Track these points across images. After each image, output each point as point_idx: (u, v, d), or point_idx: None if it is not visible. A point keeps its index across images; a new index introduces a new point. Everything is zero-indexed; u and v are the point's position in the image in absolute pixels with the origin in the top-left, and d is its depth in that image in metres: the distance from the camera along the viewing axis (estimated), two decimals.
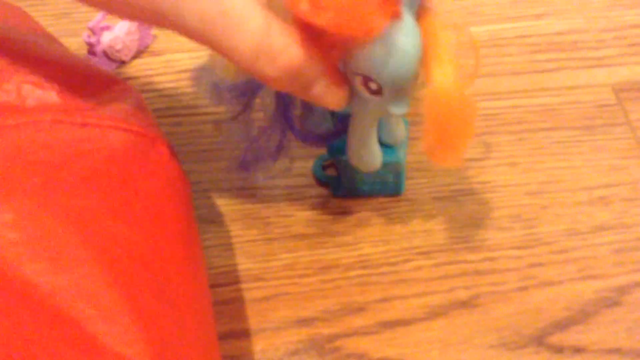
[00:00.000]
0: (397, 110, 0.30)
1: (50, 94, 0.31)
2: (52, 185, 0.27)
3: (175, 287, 0.27)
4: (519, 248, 0.37)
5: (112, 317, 0.23)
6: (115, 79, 0.34)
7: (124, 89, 0.34)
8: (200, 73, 0.34)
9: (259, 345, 0.34)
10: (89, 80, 0.33)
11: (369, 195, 0.39)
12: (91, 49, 0.45)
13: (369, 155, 0.35)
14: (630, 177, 0.40)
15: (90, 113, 0.31)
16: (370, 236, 0.38)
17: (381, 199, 0.39)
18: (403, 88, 0.29)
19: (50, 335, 0.22)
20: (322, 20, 0.26)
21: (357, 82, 0.29)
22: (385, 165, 0.36)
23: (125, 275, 0.25)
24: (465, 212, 0.38)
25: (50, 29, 0.45)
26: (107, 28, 0.45)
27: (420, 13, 0.29)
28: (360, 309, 0.35)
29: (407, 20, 0.28)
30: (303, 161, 0.40)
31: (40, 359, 0.22)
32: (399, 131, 0.36)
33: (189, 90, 0.45)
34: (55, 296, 0.23)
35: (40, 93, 0.31)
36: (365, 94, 0.29)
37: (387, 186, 0.38)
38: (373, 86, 0.29)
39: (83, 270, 0.24)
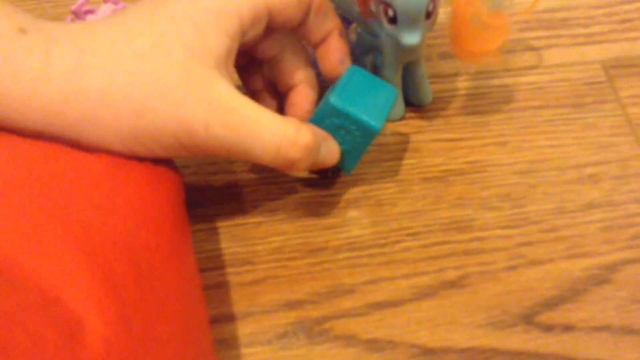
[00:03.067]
0: (408, 39, 0.35)
1: None
2: (36, 178, 0.27)
3: (159, 273, 0.27)
4: (507, 227, 0.37)
5: (90, 297, 0.23)
6: None
7: None
8: None
9: (247, 328, 0.34)
10: None
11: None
12: None
13: (396, 107, 0.40)
14: (619, 155, 0.40)
15: None
16: (358, 218, 0.37)
17: (370, 181, 0.39)
18: (414, 18, 0.34)
19: (31, 312, 0.22)
20: None
21: (381, 11, 0.35)
22: (361, 122, 0.35)
23: (105, 259, 0.25)
24: (454, 192, 0.38)
25: (33, 14, 0.45)
26: (91, 12, 0.44)
27: None
28: (349, 291, 0.35)
29: None
30: None
31: (20, 334, 0.22)
32: (425, 90, 0.41)
33: None
34: (35, 276, 0.23)
35: None
36: (386, 23, 0.35)
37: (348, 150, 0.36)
38: (390, 13, 0.35)
39: (62, 252, 0.24)
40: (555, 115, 0.42)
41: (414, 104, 0.42)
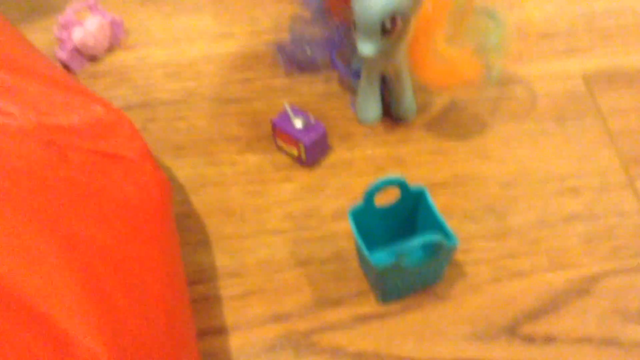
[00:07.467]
0: (361, 48, 0.36)
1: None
2: (23, 190, 0.27)
3: (147, 286, 0.28)
4: (491, 239, 0.38)
5: (79, 313, 0.23)
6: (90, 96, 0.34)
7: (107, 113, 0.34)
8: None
9: (235, 342, 0.34)
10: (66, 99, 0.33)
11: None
12: (62, 45, 0.45)
13: (367, 109, 0.42)
14: (600, 167, 0.41)
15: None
16: (345, 230, 0.38)
17: (357, 193, 0.39)
18: (368, 30, 0.36)
19: (20, 327, 0.23)
20: None
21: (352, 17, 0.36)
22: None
23: (94, 274, 0.25)
24: (438, 204, 0.38)
25: (21, 25, 0.45)
26: (79, 23, 0.45)
27: None
28: (336, 303, 0.35)
29: None
30: (271, 154, 0.40)
31: (9, 350, 0.22)
32: (406, 106, 0.42)
33: (163, 85, 0.45)
34: (24, 292, 0.23)
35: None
36: (353, 28, 0.36)
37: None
38: (354, 19, 0.36)
39: (51, 268, 0.24)
40: (536, 127, 0.42)
41: (397, 118, 0.42)
